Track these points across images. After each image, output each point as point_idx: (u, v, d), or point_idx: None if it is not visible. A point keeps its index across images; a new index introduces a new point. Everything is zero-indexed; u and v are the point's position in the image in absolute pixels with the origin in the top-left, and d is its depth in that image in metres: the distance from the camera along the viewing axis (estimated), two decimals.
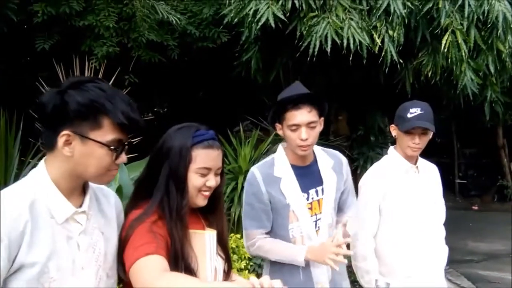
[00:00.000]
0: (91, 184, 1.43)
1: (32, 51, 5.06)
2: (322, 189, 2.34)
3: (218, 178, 1.66)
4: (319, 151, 2.41)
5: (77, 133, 1.30)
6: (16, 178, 4.08)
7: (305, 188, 2.30)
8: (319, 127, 2.28)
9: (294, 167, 2.33)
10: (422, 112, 2.49)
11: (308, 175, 2.32)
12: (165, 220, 1.54)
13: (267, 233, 2.34)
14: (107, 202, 1.51)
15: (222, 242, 1.73)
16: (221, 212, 1.75)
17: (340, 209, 2.44)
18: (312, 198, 2.31)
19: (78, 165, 1.32)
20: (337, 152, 2.47)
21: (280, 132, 2.31)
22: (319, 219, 2.31)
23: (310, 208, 2.30)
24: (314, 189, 2.32)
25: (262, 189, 2.28)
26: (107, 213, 1.48)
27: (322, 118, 2.31)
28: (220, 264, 1.70)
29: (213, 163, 1.61)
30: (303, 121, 2.20)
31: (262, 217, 2.31)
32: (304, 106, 2.20)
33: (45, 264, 1.27)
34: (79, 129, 1.30)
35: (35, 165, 4.33)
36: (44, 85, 3.73)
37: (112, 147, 1.33)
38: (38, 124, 3.73)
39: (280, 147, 2.38)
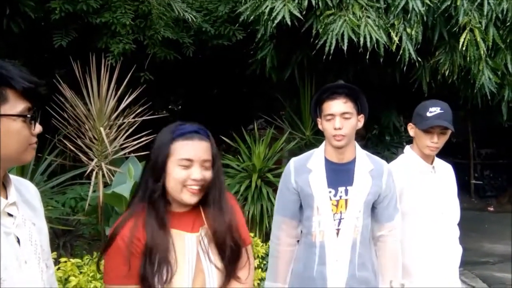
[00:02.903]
0: (12, 176, 1.36)
1: (49, 48, 5.10)
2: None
3: (207, 172, 1.60)
4: (361, 153, 2.41)
5: None
6: (33, 174, 4.13)
7: (333, 184, 2.32)
8: (355, 121, 2.31)
9: (329, 162, 2.37)
10: (442, 111, 2.48)
11: (340, 172, 2.34)
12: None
13: (294, 222, 2.42)
14: (29, 192, 1.43)
15: (218, 243, 1.63)
16: (216, 210, 1.64)
17: (377, 219, 2.41)
18: (340, 196, 2.32)
19: None
20: (383, 162, 2.45)
21: (321, 127, 2.37)
22: (343, 218, 2.30)
23: (336, 205, 2.31)
24: (343, 187, 2.33)
25: (291, 178, 2.38)
26: (32, 203, 1.41)
27: (362, 116, 2.35)
28: (213, 268, 1.62)
29: (194, 154, 1.57)
30: (337, 111, 2.27)
31: (287, 205, 2.41)
32: (340, 97, 2.28)
33: None
34: None
35: (51, 162, 4.39)
36: (61, 82, 3.76)
37: (27, 116, 1.26)
38: (54, 121, 3.78)
39: (324, 143, 2.42)
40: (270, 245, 2.50)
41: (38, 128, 1.30)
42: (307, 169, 2.37)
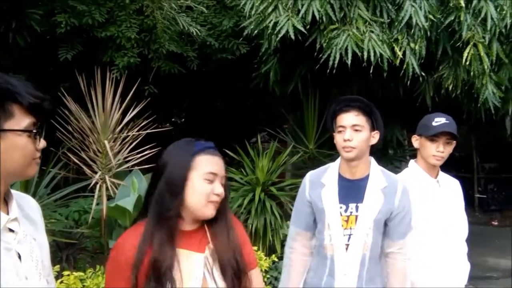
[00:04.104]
0: (12, 191, 1.35)
1: (55, 61, 5.13)
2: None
3: (223, 189, 1.60)
4: (375, 170, 2.40)
5: None
6: (37, 187, 4.13)
7: (344, 200, 2.33)
8: (367, 135, 2.31)
9: (342, 177, 2.38)
10: (447, 121, 2.52)
11: (352, 188, 2.35)
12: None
13: (309, 234, 2.46)
14: (30, 206, 1.42)
15: (222, 263, 1.60)
16: (224, 227, 1.64)
17: (388, 236, 2.39)
18: (351, 212, 2.33)
19: (2, 164, 1.23)
20: (398, 179, 2.43)
21: (335, 141, 2.38)
22: (352, 234, 2.31)
23: (346, 221, 2.33)
24: (354, 204, 2.33)
25: (306, 192, 2.42)
26: (33, 218, 1.40)
27: (377, 132, 2.35)
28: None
29: (218, 168, 1.58)
30: (348, 123, 2.29)
31: (302, 217, 2.46)
32: (352, 110, 2.30)
33: None
34: None
35: (55, 174, 4.39)
36: (66, 95, 3.78)
37: (33, 131, 1.26)
38: (59, 134, 3.78)
39: (339, 158, 2.43)
40: (284, 255, 2.55)
41: (42, 143, 1.30)
42: (320, 184, 2.39)
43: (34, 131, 1.27)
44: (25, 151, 1.25)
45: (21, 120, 1.24)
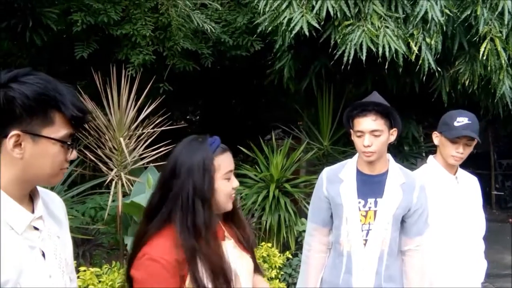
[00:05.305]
0: (38, 188, 1.34)
1: (71, 59, 5.19)
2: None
3: None
4: (394, 166, 2.41)
5: (28, 132, 1.19)
6: None
7: (363, 195, 2.34)
8: (386, 137, 2.31)
9: (360, 173, 2.39)
10: (470, 122, 2.48)
11: (371, 184, 2.36)
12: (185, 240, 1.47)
13: (326, 229, 2.47)
14: (55, 204, 1.42)
15: (249, 244, 1.68)
16: (242, 216, 1.71)
17: (405, 233, 2.39)
18: (369, 208, 2.33)
19: (30, 167, 1.22)
20: (416, 177, 2.44)
21: (355, 143, 2.38)
22: (371, 229, 2.31)
23: (365, 216, 2.33)
24: (373, 199, 2.34)
25: (323, 187, 2.43)
26: (58, 216, 1.40)
27: (395, 129, 2.34)
28: (244, 269, 1.64)
29: (232, 164, 1.59)
30: (367, 129, 2.28)
31: (319, 212, 2.48)
32: (370, 114, 2.28)
33: (17, 281, 1.19)
34: (29, 128, 1.19)
35: (72, 171, 4.41)
36: (82, 93, 3.82)
37: (67, 143, 1.25)
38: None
39: (357, 154, 2.44)
40: (302, 252, 2.56)
41: (73, 155, 1.30)
42: (338, 179, 2.40)
43: (69, 143, 1.26)
44: (54, 160, 1.25)
45: (59, 130, 1.24)
